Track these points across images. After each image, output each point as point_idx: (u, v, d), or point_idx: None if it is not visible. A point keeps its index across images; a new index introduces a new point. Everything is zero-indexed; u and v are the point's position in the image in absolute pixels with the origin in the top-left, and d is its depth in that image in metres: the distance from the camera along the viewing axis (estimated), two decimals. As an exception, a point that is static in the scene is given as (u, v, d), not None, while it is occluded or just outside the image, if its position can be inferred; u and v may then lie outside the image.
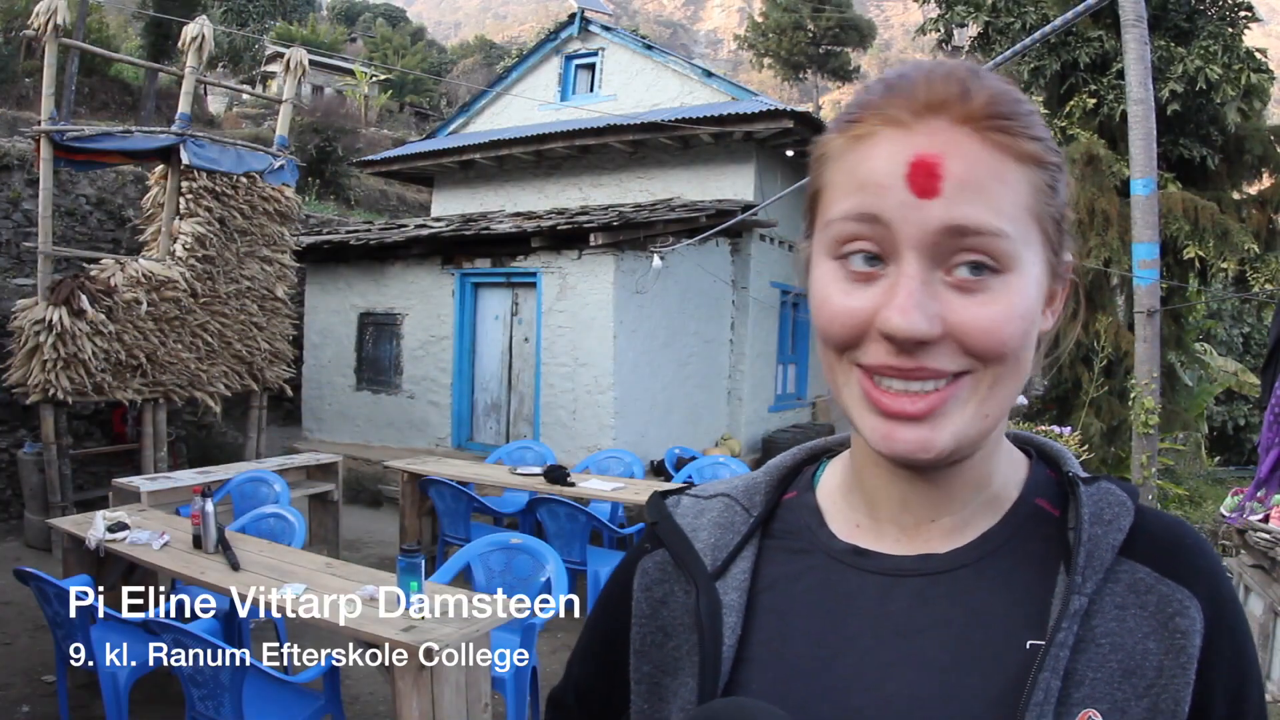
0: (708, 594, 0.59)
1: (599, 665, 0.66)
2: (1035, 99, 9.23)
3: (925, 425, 0.50)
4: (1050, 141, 0.53)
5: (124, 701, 2.77)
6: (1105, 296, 7.75)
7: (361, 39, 35.82)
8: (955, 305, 0.49)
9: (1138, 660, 0.50)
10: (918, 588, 0.55)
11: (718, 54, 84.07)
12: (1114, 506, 0.54)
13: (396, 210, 17.86)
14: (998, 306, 0.49)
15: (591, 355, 7.08)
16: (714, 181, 8.61)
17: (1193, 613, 0.51)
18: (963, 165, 0.49)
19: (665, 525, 0.64)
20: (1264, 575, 3.48)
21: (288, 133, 6.96)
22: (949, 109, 0.50)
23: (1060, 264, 0.55)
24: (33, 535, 5.69)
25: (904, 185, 0.49)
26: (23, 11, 13.01)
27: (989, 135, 0.50)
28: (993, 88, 0.51)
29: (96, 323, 5.50)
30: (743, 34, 28.92)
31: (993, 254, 0.49)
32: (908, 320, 0.48)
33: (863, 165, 0.51)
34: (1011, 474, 0.58)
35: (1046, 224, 0.53)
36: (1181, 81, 7.98)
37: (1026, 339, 0.51)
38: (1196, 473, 10.88)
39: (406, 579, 2.53)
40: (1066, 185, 0.55)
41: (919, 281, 0.49)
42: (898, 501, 0.57)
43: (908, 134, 0.50)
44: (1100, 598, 0.51)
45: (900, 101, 0.51)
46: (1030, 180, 0.51)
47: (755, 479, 0.66)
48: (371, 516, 6.95)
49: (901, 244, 0.49)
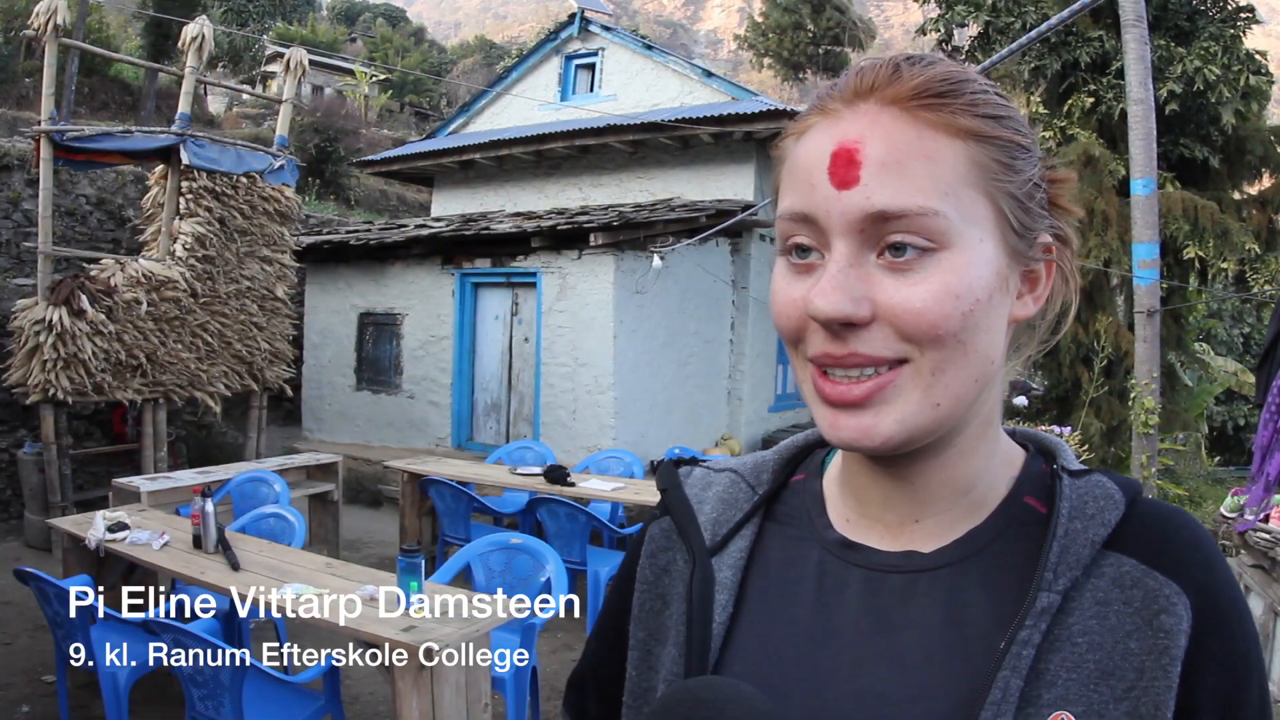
0: (703, 568, 0.59)
1: (614, 638, 0.66)
2: (1035, 99, 9.24)
3: (868, 412, 0.50)
4: (1010, 121, 0.52)
5: (124, 701, 2.77)
6: (1105, 296, 7.75)
7: (361, 39, 35.81)
8: (885, 286, 0.49)
9: (1117, 661, 0.48)
10: (901, 584, 0.55)
11: (718, 54, 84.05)
12: (1099, 500, 0.52)
13: (396, 210, 17.86)
14: (927, 285, 0.48)
15: (591, 355, 7.08)
16: (714, 181, 8.60)
17: (1179, 609, 0.48)
18: (883, 146, 0.49)
19: (674, 494, 0.65)
20: (1264, 575, 3.48)
21: (288, 133, 6.96)
22: (877, 92, 0.50)
23: (1031, 245, 0.53)
24: (33, 535, 5.69)
25: (826, 179, 0.50)
26: (23, 11, 13.01)
27: (917, 114, 0.49)
28: (932, 71, 0.51)
29: (96, 323, 5.50)
30: (743, 34, 28.92)
31: (921, 233, 0.48)
32: (828, 301, 0.49)
33: (799, 161, 0.52)
34: (1002, 472, 0.57)
35: (1002, 201, 0.51)
36: (1181, 82, 7.98)
37: (968, 320, 0.49)
38: (1196, 473, 10.87)
39: (406, 579, 2.53)
40: (1038, 164, 0.53)
41: (845, 264, 0.49)
42: (881, 500, 0.57)
43: (836, 122, 0.51)
44: (1079, 594, 0.50)
45: (836, 93, 0.52)
46: (970, 156, 0.50)
47: (765, 457, 0.66)
48: (371, 516, 6.95)
49: (831, 234, 0.50)
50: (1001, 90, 0.53)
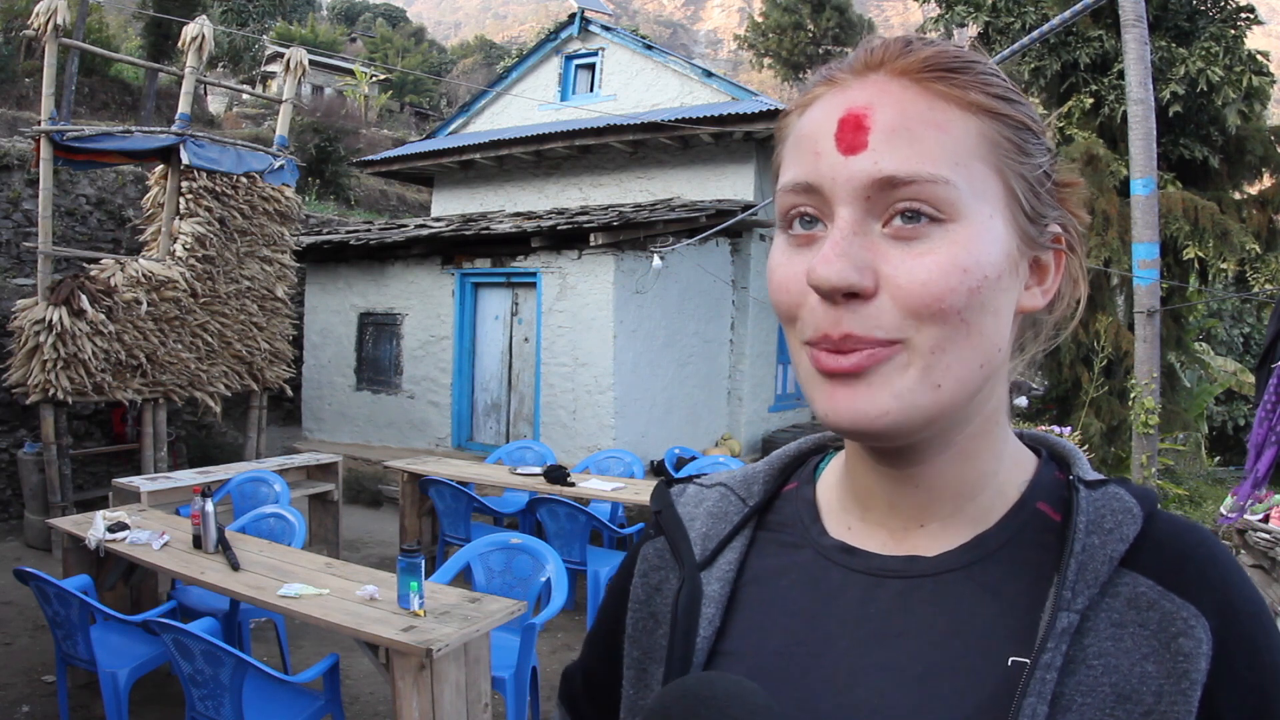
0: (690, 583, 0.58)
1: (604, 651, 0.65)
2: (1035, 99, 9.23)
3: (862, 383, 0.47)
4: (1021, 105, 0.51)
5: (124, 701, 2.77)
6: (1105, 296, 7.75)
7: (361, 39, 35.81)
8: (890, 255, 0.47)
9: (1134, 684, 0.45)
10: (901, 590, 0.53)
11: (718, 54, 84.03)
12: (1117, 514, 0.50)
13: (396, 210, 17.86)
14: (935, 256, 0.46)
15: (591, 355, 7.08)
16: (714, 181, 8.61)
17: (1198, 632, 0.46)
18: (893, 112, 0.47)
19: (667, 514, 0.64)
20: (1264, 575, 3.48)
21: (288, 133, 6.96)
22: (887, 64, 0.49)
23: (1042, 232, 0.52)
24: (33, 535, 5.69)
25: (833, 146, 0.48)
26: (23, 11, 13.01)
27: (929, 85, 0.48)
28: (943, 47, 0.50)
29: (96, 323, 5.49)
30: (743, 34, 28.87)
31: (931, 201, 0.46)
32: (831, 269, 0.46)
33: (804, 131, 0.51)
34: (1013, 476, 0.55)
35: (1014, 181, 0.49)
36: (1183, 83, 7.98)
37: (975, 298, 0.47)
38: (1196, 473, 10.87)
39: (406, 579, 2.53)
40: (1048, 154, 0.52)
41: (849, 231, 0.47)
42: (885, 504, 0.55)
43: (843, 91, 0.50)
44: (1095, 614, 0.47)
45: (844, 65, 0.51)
46: (981, 130, 0.48)
47: (755, 469, 0.65)
48: (371, 516, 6.95)
49: (835, 202, 0.48)
50: (1010, 79, 0.52)
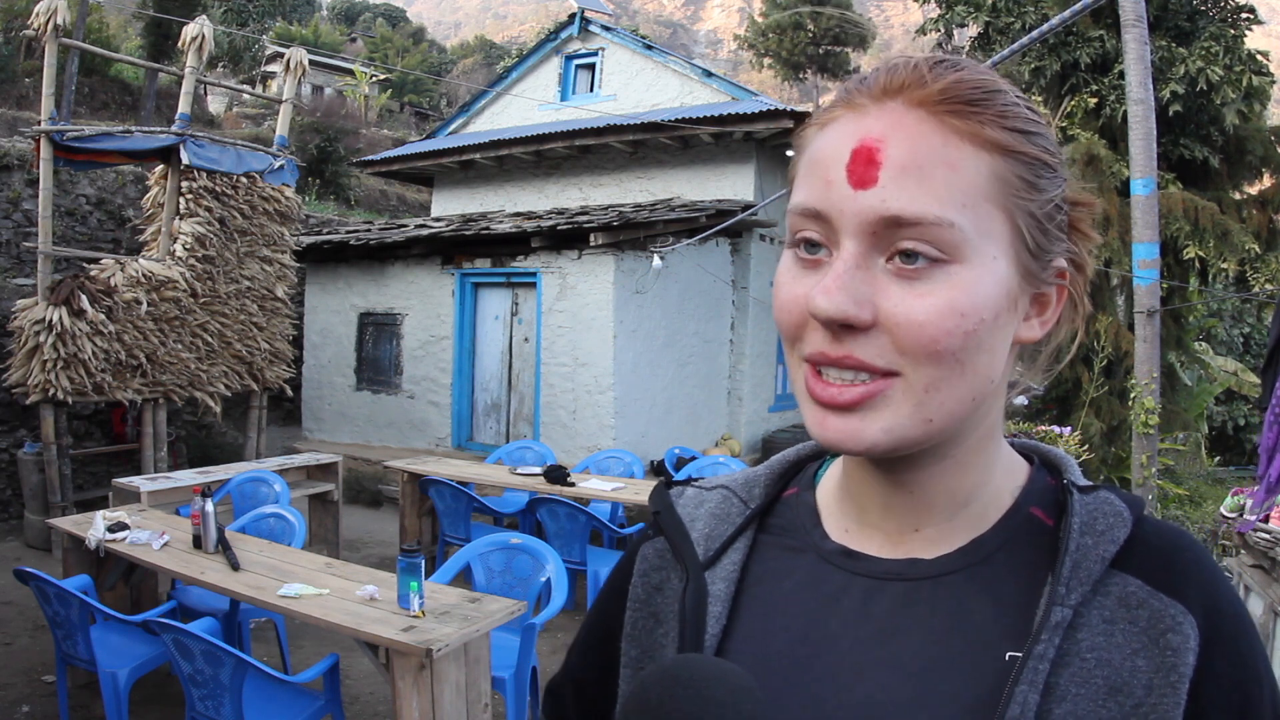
0: (696, 581, 0.59)
1: (597, 657, 0.66)
2: (1035, 99, 9.23)
3: (855, 416, 0.49)
4: (1039, 137, 0.51)
5: (124, 701, 2.77)
6: (1105, 296, 7.75)
7: (361, 39, 35.81)
8: (891, 291, 0.48)
9: (1125, 678, 0.48)
10: (901, 592, 0.54)
11: (718, 54, 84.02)
12: (1108, 517, 0.52)
13: (396, 210, 17.86)
14: (934, 299, 0.47)
15: (591, 355, 7.08)
16: (714, 181, 8.61)
17: (1186, 629, 0.49)
18: (906, 149, 0.48)
19: (666, 515, 0.64)
20: (1264, 575, 3.48)
21: (288, 133, 6.96)
22: (906, 92, 0.49)
23: (1046, 267, 0.52)
24: (33, 535, 5.69)
25: (844, 177, 0.49)
26: (23, 11, 13.01)
27: (945, 119, 0.48)
28: (962, 75, 0.50)
29: (96, 323, 5.50)
30: (743, 34, 28.87)
31: (934, 243, 0.47)
32: (830, 300, 0.48)
33: (819, 154, 0.51)
34: (1007, 482, 0.57)
35: (1020, 219, 0.50)
36: (1183, 83, 7.97)
37: (970, 340, 0.48)
38: (1196, 473, 10.87)
39: (406, 579, 2.53)
40: (1063, 184, 0.52)
41: (852, 265, 0.48)
42: (881, 508, 0.57)
43: (861, 117, 0.50)
44: (1088, 611, 0.50)
45: (865, 88, 0.51)
46: (993, 169, 0.49)
47: (756, 473, 0.66)
48: (371, 516, 6.95)
49: (841, 233, 0.49)
50: (1033, 104, 0.52)
